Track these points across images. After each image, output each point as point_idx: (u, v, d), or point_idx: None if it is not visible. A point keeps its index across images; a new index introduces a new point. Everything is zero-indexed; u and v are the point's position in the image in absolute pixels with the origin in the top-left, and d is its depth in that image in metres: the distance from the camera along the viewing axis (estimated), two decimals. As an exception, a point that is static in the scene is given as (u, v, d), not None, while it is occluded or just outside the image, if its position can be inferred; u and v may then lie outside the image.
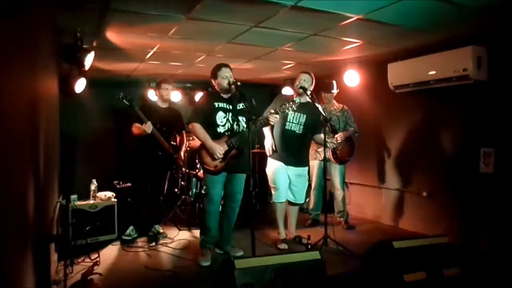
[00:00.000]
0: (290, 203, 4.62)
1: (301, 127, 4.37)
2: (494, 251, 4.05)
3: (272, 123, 3.87)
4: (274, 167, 4.48)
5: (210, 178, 3.95)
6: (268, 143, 4.49)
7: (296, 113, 4.35)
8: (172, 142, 5.00)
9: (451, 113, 4.68)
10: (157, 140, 4.69)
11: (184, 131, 5.16)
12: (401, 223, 5.40)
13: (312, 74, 4.44)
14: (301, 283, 2.77)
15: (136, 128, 4.61)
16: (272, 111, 3.90)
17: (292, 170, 4.46)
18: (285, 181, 4.47)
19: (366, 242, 4.27)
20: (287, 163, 4.42)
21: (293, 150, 4.41)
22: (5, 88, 1.61)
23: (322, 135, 4.26)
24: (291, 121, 4.36)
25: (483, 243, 4.19)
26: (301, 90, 4.28)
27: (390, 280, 3.07)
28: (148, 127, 4.52)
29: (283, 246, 4.41)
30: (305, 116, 4.37)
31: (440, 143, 4.85)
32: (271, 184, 4.57)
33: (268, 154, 4.53)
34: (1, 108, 1.54)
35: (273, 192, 4.56)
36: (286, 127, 4.36)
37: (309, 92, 4.30)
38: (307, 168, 4.67)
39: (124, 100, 4.51)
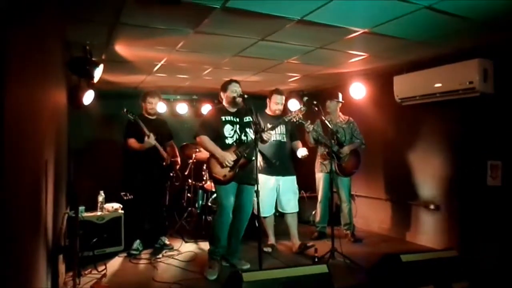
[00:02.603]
0: (287, 214, 4.76)
1: (284, 135, 4.75)
2: (503, 264, 4.00)
3: (266, 139, 3.98)
4: (261, 181, 4.54)
5: (223, 188, 3.97)
6: (259, 158, 4.59)
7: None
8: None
9: (458, 125, 4.67)
10: (155, 151, 4.71)
11: (172, 141, 5.17)
12: (408, 236, 5.36)
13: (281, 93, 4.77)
14: (308, 297, 2.75)
15: (135, 144, 4.62)
16: (269, 126, 4.19)
17: (283, 181, 4.68)
18: (272, 195, 4.69)
19: (373, 255, 4.26)
20: (279, 174, 4.67)
21: (283, 159, 4.72)
22: (24, 100, 1.64)
23: (297, 142, 4.80)
24: (275, 133, 4.59)
25: (491, 256, 4.15)
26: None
27: (398, 294, 3.05)
28: (152, 139, 4.57)
29: (268, 249, 4.68)
30: (284, 126, 4.70)
31: (446, 155, 4.83)
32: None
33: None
34: (21, 118, 1.57)
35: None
36: (272, 139, 4.53)
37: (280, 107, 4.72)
38: (295, 177, 4.84)
39: (129, 115, 4.54)
